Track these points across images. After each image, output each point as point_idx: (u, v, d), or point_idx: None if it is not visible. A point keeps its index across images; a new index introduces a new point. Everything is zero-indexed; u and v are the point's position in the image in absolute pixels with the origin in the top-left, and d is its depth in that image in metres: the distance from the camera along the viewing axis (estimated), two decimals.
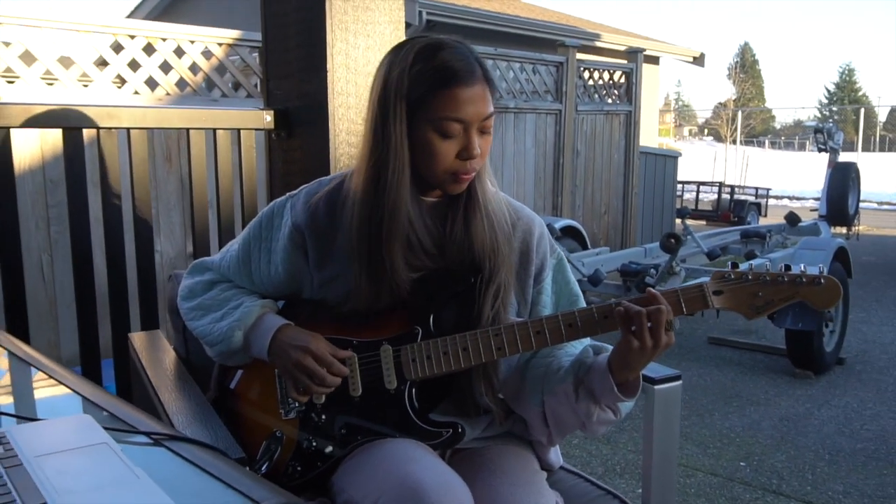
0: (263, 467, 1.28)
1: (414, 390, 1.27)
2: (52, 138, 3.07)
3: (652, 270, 4.68)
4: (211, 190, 1.92)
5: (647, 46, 11.07)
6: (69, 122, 1.67)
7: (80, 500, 0.67)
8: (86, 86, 3.44)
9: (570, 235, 5.94)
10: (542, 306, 1.36)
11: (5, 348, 1.14)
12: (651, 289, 1.22)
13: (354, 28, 1.96)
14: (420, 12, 7.94)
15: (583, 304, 1.37)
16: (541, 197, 6.10)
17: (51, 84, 3.36)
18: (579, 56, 6.92)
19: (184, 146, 1.98)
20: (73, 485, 0.70)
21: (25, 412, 0.92)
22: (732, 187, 12.57)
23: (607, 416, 1.25)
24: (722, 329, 5.36)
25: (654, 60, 11.82)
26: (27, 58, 3.25)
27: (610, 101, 6.74)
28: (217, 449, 0.78)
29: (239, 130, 1.99)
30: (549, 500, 1.23)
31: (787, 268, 1.24)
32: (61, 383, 0.98)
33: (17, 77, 3.23)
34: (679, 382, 1.39)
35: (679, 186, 12.45)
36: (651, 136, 12.05)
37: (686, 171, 17.49)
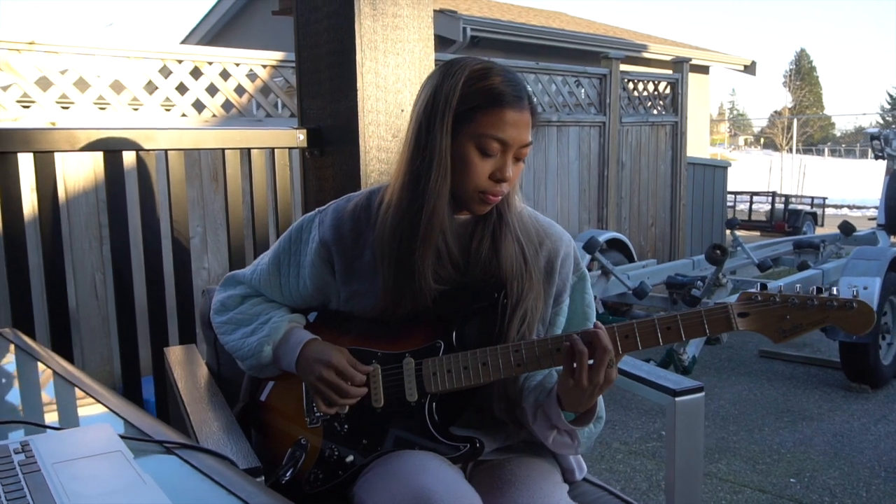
0: (288, 474, 1.31)
1: (434, 404, 1.29)
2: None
3: (699, 283, 4.61)
4: (246, 207, 1.98)
5: (695, 56, 10.93)
6: (108, 145, 1.75)
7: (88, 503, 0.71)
8: (136, 109, 3.57)
9: (615, 248, 5.89)
10: (558, 327, 1.36)
11: (48, 366, 1.19)
12: (598, 330, 1.19)
13: (384, 47, 2.00)
14: (464, 28, 8.00)
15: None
16: (585, 209, 6.06)
17: (103, 109, 3.49)
18: (624, 67, 6.88)
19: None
20: (83, 490, 0.74)
21: (59, 423, 0.96)
22: (787, 197, 12.29)
23: (564, 440, 1.29)
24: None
25: (703, 70, 11.66)
26: (81, 84, 3.39)
27: (655, 112, 6.68)
28: (226, 457, 0.81)
29: (273, 149, 2.05)
30: None
31: (819, 290, 1.21)
32: (90, 395, 1.02)
33: (71, 103, 3.38)
34: (701, 394, 1.37)
35: (731, 197, 12.26)
36: (702, 146, 11.86)
37: (742, 181, 17.19)
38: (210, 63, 3.81)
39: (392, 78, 2.02)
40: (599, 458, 3.35)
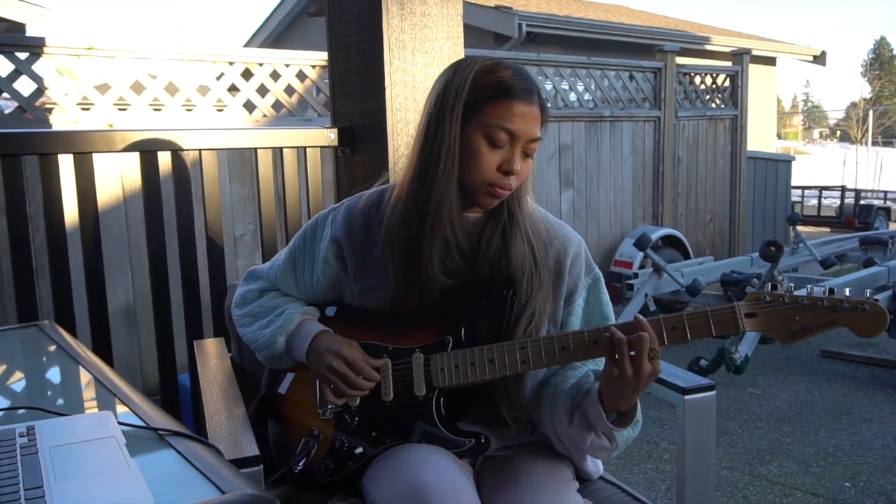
0: (301, 463, 1.34)
1: (442, 399, 1.31)
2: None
3: (754, 280, 4.49)
4: (279, 205, 2.03)
5: (760, 47, 10.63)
6: (144, 146, 1.82)
7: (71, 484, 0.75)
8: (189, 110, 3.69)
9: (670, 245, 5.79)
10: (571, 328, 1.36)
11: (71, 356, 1.26)
12: (638, 315, 1.20)
13: (412, 46, 2.02)
14: (520, 24, 7.96)
15: None
16: (640, 206, 5.97)
17: (158, 110, 3.62)
18: (684, 61, 6.73)
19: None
20: (71, 471, 0.78)
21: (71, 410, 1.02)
22: (857, 191, 11.82)
23: (602, 443, 1.26)
24: (837, 341, 5.04)
25: (769, 61, 11.31)
26: (137, 87, 3.53)
27: (714, 105, 6.52)
28: (211, 445, 0.84)
29: (305, 148, 2.09)
30: None
31: (832, 291, 1.18)
32: (104, 385, 1.08)
33: (128, 105, 3.51)
34: (712, 393, 1.34)
35: (799, 192, 11.87)
36: (768, 140, 11.52)
37: (815, 175, 16.60)
38: (260, 64, 3.90)
39: (420, 76, 2.04)
40: (646, 457, 3.31)
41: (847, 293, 1.17)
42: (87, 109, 3.41)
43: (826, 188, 12.04)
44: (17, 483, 0.75)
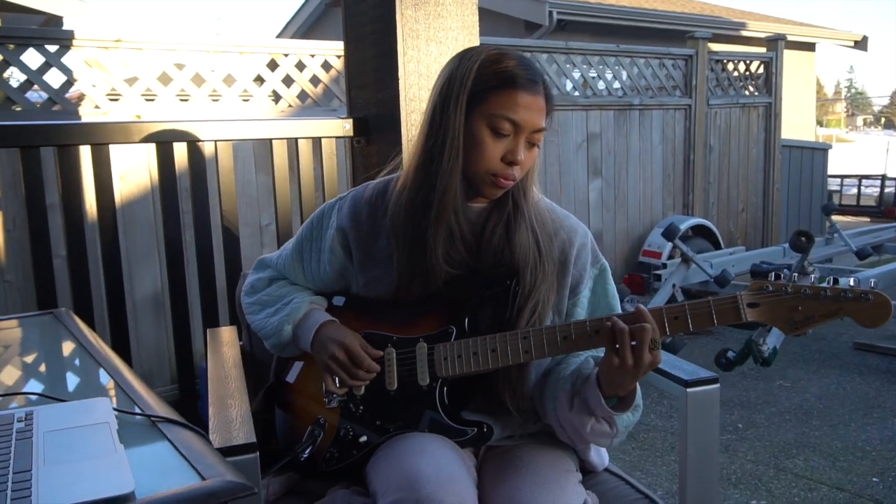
0: (307, 451, 1.36)
1: (445, 388, 1.31)
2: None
3: (785, 271, 4.39)
4: (294, 195, 2.05)
5: (798, 33, 10.40)
6: (160, 137, 1.85)
7: (58, 468, 0.77)
8: (215, 101, 3.73)
9: (700, 235, 5.71)
10: (576, 318, 1.35)
11: (81, 344, 1.29)
12: (641, 306, 1.19)
13: (426, 35, 2.02)
14: (550, 12, 7.90)
15: None
16: (669, 195, 5.89)
17: (185, 101, 3.67)
18: (718, 47, 6.61)
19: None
20: (60, 455, 0.80)
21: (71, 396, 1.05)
22: None
23: (602, 428, 1.26)
24: (871, 334, 4.93)
25: (808, 47, 11.06)
26: (164, 78, 3.58)
27: (747, 93, 6.40)
28: (199, 432, 0.86)
29: (320, 139, 2.11)
30: (573, 500, 1.22)
31: (836, 281, 1.16)
32: (107, 372, 1.10)
33: (155, 96, 3.57)
34: (716, 386, 1.33)
35: (838, 181, 11.60)
36: (806, 127, 11.28)
37: (857, 163, 16.20)
38: (286, 55, 3.93)
39: (435, 66, 2.04)
40: (670, 448, 3.28)
41: (852, 283, 1.15)
42: (116, 101, 3.47)
43: (866, 177, 11.73)
44: (7, 466, 0.78)
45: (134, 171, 3.37)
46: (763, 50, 6.64)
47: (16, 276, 3.09)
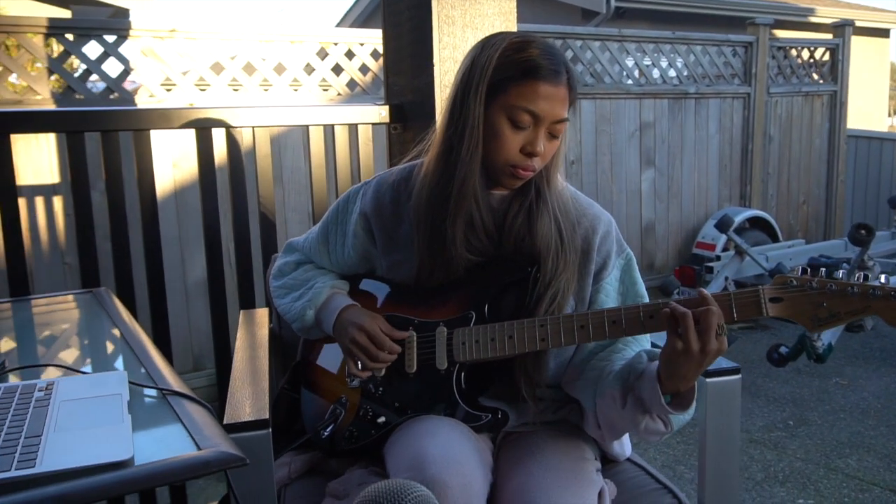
0: (328, 430, 1.39)
1: (463, 373, 1.32)
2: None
3: (843, 265, 4.27)
4: (330, 180, 2.08)
5: (870, 18, 9.98)
6: (199, 123, 1.91)
7: (65, 435, 0.81)
8: (266, 90, 3.80)
9: (757, 227, 5.56)
10: (601, 306, 1.34)
11: (114, 322, 1.34)
12: (703, 290, 1.16)
13: (462, 21, 2.01)
14: (608, 0, 7.78)
15: None
16: (726, 186, 5.75)
17: (236, 90, 3.75)
18: (781, 34, 6.40)
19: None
20: (70, 423, 0.84)
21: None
22: None
23: (657, 427, 1.22)
24: None
25: (882, 33, 10.61)
26: (216, 68, 3.66)
27: (810, 80, 6.19)
28: (206, 406, 0.89)
29: (357, 126, 2.13)
30: (587, 489, 1.21)
31: (866, 277, 1.12)
32: (132, 349, 1.15)
33: (208, 85, 3.65)
34: (738, 376, 1.29)
35: None
36: (878, 117, 10.84)
37: None
38: (335, 43, 3.97)
39: None
40: None
41: (883, 279, 1.11)
42: (170, 90, 3.56)
43: None
44: (20, 431, 0.82)
45: (186, 158, 3.46)
46: (830, 36, 6.40)
47: (74, 258, 3.21)
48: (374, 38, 4.07)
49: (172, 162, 3.46)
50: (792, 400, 3.71)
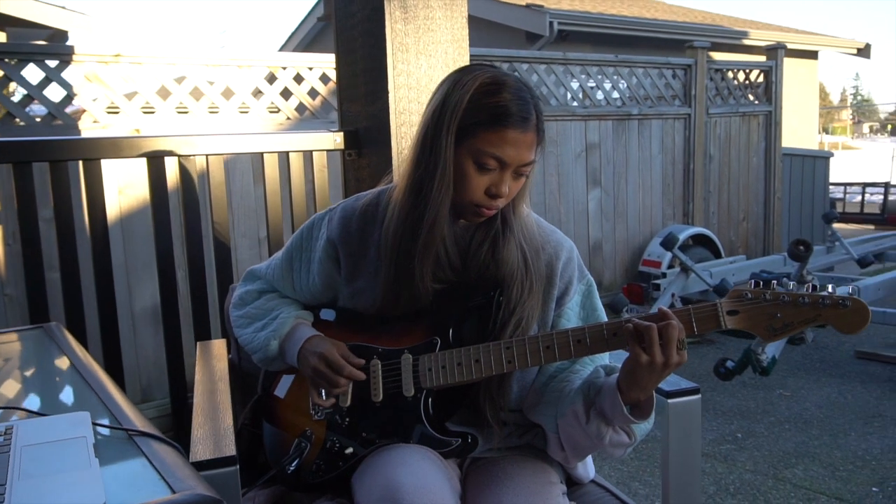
0: (294, 464, 1.37)
1: (430, 399, 1.32)
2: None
3: (784, 279, 4.40)
4: (286, 208, 2.06)
5: (800, 41, 10.41)
6: (154, 151, 1.88)
7: (31, 482, 0.78)
8: (214, 113, 3.76)
9: (701, 244, 5.71)
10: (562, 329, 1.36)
11: (69, 358, 1.30)
12: (662, 307, 1.20)
13: (416, 49, 2.03)
14: (551, 23, 7.93)
15: None
16: (669, 205, 5.90)
17: (183, 114, 3.70)
18: (718, 56, 6.61)
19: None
20: (34, 469, 0.81)
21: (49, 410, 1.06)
22: None
23: (621, 439, 1.24)
24: (874, 342, 4.92)
25: (811, 55, 11.07)
26: (163, 92, 3.61)
27: (747, 102, 6.41)
28: (175, 446, 0.87)
29: (311, 152, 2.13)
30: None
31: (815, 288, 1.17)
32: (91, 388, 1.12)
33: (154, 110, 3.60)
34: (697, 396, 1.33)
35: (841, 189, 11.58)
36: (809, 136, 11.27)
37: (864, 170, 16.17)
38: (284, 68, 3.96)
39: (424, 79, 2.05)
40: None
41: (830, 289, 1.16)
42: (115, 114, 3.50)
43: (870, 184, 11.71)
44: None
45: (133, 185, 3.40)
46: (763, 58, 6.65)
47: (15, 289, 3.11)
48: (322, 62, 4.06)
49: (118, 188, 3.39)
50: (739, 413, 3.80)
